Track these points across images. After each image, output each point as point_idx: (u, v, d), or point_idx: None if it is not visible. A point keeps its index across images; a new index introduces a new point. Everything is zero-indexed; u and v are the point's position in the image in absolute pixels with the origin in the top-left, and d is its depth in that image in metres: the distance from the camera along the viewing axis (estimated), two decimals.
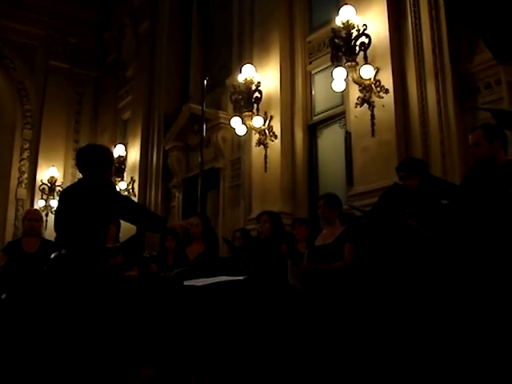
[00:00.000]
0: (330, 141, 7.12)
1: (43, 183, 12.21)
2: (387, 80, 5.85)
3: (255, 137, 7.55)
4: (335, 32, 6.17)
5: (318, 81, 7.35)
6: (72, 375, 2.91)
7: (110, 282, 5.11)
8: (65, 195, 3.83)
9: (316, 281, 4.29)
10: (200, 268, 5.03)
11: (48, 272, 3.54)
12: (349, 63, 5.99)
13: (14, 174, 12.34)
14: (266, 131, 7.40)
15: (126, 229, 5.67)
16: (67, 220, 3.62)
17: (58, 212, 3.80)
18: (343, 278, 4.22)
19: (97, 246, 3.52)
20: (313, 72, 7.46)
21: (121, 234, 5.77)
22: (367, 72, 5.90)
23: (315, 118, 7.36)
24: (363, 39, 5.99)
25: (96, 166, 3.69)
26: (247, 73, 7.57)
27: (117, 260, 5.24)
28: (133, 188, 10.72)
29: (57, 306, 3.26)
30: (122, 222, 6.53)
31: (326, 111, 7.18)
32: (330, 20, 6.55)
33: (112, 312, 4.70)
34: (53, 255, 3.45)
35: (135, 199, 10.58)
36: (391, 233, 3.91)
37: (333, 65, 6.24)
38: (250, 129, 7.53)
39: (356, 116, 6.15)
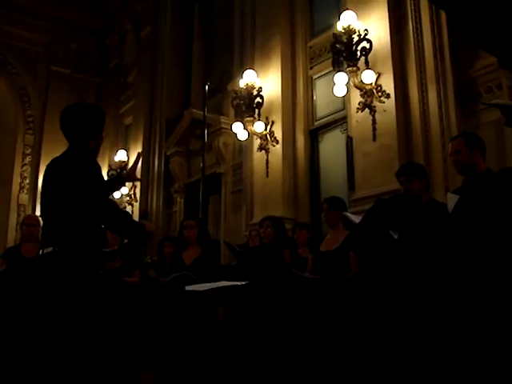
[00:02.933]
0: (332, 146, 7.12)
1: None
2: (388, 85, 5.85)
3: (257, 142, 7.55)
4: (336, 37, 6.18)
5: (320, 86, 7.36)
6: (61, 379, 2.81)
7: (102, 284, 5.06)
8: (47, 175, 3.20)
9: (324, 290, 4.29)
10: (196, 273, 5.03)
11: (33, 274, 3.22)
12: (350, 68, 6.00)
13: (16, 179, 12.35)
14: (268, 136, 7.40)
15: None
16: (50, 208, 3.10)
17: (42, 196, 3.23)
18: (350, 287, 4.23)
19: (88, 241, 2.99)
20: (314, 77, 7.47)
21: None
22: (368, 77, 5.90)
23: (317, 123, 7.36)
24: (364, 44, 5.99)
25: (82, 132, 3.17)
26: (248, 78, 7.58)
27: (114, 264, 5.23)
28: (134, 193, 10.73)
29: (42, 309, 2.95)
30: None
31: (328, 116, 7.19)
32: (331, 25, 6.56)
33: (103, 315, 4.66)
34: (40, 252, 3.02)
35: (136, 204, 10.60)
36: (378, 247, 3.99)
37: (334, 70, 6.25)
38: (251, 134, 7.53)
39: (357, 121, 6.15)
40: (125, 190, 10.73)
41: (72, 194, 2.98)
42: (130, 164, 10.99)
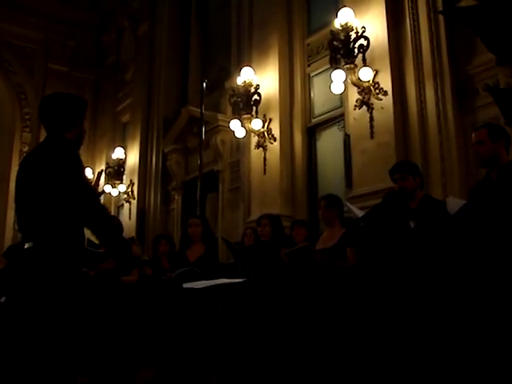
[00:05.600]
0: (329, 143, 7.12)
1: None
2: (386, 82, 5.85)
3: (254, 139, 7.55)
4: (334, 34, 6.17)
5: (317, 83, 7.35)
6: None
7: (95, 283, 5.04)
8: (21, 168, 3.09)
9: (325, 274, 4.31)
10: (201, 270, 5.04)
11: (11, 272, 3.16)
12: (347, 65, 5.99)
13: (13, 177, 12.22)
14: (265, 134, 7.39)
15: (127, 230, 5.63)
16: (24, 203, 3.00)
17: (16, 191, 3.10)
18: (347, 278, 4.24)
19: (63, 236, 2.80)
20: (312, 74, 7.46)
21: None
22: (366, 74, 5.90)
23: (314, 121, 7.35)
24: (362, 41, 5.99)
25: (57, 121, 3.05)
26: (246, 75, 7.57)
27: (107, 265, 5.22)
28: (132, 191, 10.72)
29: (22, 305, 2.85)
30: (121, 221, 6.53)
31: (325, 113, 7.18)
32: (329, 22, 6.55)
33: (99, 314, 4.61)
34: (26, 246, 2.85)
35: (134, 202, 10.59)
36: (390, 238, 3.97)
37: (331, 67, 6.25)
38: (249, 131, 7.53)
39: (355, 118, 6.15)
40: (122, 187, 10.73)
41: (46, 188, 2.83)
42: (128, 164, 11.00)
